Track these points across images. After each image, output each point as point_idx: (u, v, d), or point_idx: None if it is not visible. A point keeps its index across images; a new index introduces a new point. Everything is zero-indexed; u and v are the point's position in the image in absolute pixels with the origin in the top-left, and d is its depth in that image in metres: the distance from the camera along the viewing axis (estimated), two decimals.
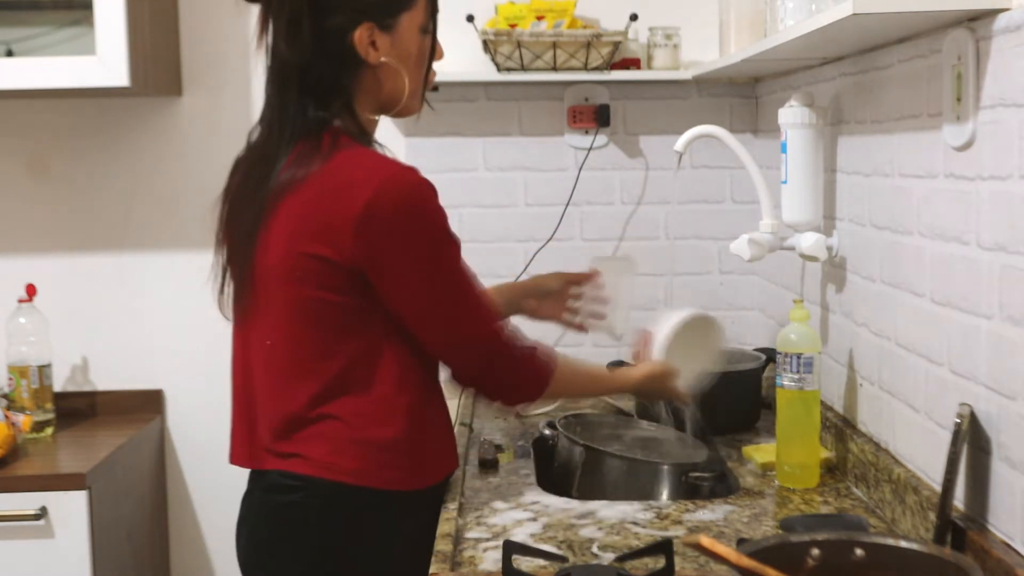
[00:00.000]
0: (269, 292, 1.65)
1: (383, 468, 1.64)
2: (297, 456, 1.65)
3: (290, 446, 1.65)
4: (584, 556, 1.57)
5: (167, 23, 2.69)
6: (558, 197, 2.76)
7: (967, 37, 1.46)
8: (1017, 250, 1.35)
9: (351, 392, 1.63)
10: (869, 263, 1.87)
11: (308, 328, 1.63)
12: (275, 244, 1.62)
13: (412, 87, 1.70)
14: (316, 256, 1.59)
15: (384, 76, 1.67)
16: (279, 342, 1.66)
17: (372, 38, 1.64)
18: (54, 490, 2.31)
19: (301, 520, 1.65)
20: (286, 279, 1.62)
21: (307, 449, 1.64)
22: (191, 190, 2.79)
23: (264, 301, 1.67)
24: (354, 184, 1.58)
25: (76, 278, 2.79)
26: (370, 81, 1.67)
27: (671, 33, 2.66)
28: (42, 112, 2.77)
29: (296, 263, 1.60)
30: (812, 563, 1.21)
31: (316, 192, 1.59)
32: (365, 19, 1.63)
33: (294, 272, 1.61)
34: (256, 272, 1.66)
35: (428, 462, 1.71)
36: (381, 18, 1.64)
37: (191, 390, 2.82)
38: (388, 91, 1.69)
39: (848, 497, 1.83)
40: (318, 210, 1.59)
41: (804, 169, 2.03)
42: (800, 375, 1.85)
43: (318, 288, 1.60)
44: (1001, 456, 1.40)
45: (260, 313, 1.68)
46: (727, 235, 2.70)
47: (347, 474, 1.63)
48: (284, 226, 1.61)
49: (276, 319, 1.66)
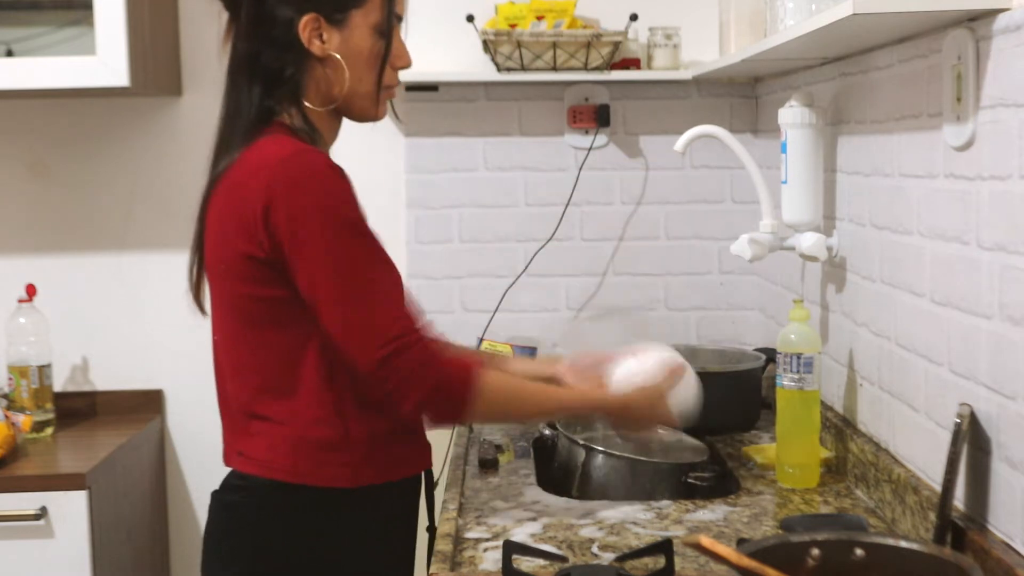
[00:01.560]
0: (212, 289, 1.69)
1: (320, 466, 1.61)
2: (242, 455, 1.66)
3: (239, 443, 1.67)
4: (584, 556, 1.57)
5: (167, 23, 2.69)
6: (558, 197, 2.76)
7: (967, 37, 1.46)
8: (1017, 250, 1.35)
9: (283, 390, 1.61)
10: (869, 263, 1.87)
11: (241, 324, 1.64)
12: (209, 242, 1.66)
13: (365, 88, 1.68)
14: (235, 250, 1.59)
15: (332, 70, 1.66)
16: (221, 340, 1.69)
17: (319, 30, 1.63)
18: (54, 490, 2.31)
19: (240, 519, 1.65)
20: (220, 276, 1.65)
21: (249, 447, 1.65)
22: (191, 190, 2.75)
23: (212, 298, 1.70)
24: (255, 172, 1.58)
25: (76, 278, 2.79)
26: (319, 74, 1.66)
27: (671, 33, 2.66)
28: (42, 112, 2.76)
29: (223, 260, 1.62)
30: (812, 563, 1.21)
31: (230, 186, 1.61)
32: (311, 10, 1.62)
33: (222, 269, 1.63)
34: (203, 269, 1.70)
35: (374, 460, 1.64)
36: (329, 12, 1.63)
37: (191, 390, 2.82)
38: (334, 86, 1.67)
39: (848, 497, 1.83)
40: (231, 203, 1.60)
41: (804, 169, 2.03)
42: (800, 375, 1.85)
43: (243, 283, 1.60)
44: (1001, 456, 1.40)
45: (212, 311, 1.71)
46: (727, 235, 2.70)
47: (284, 472, 1.61)
48: (212, 224, 1.65)
49: (218, 316, 1.68)
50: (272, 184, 1.55)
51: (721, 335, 2.79)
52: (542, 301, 2.78)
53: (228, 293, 1.64)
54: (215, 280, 1.67)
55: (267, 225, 1.55)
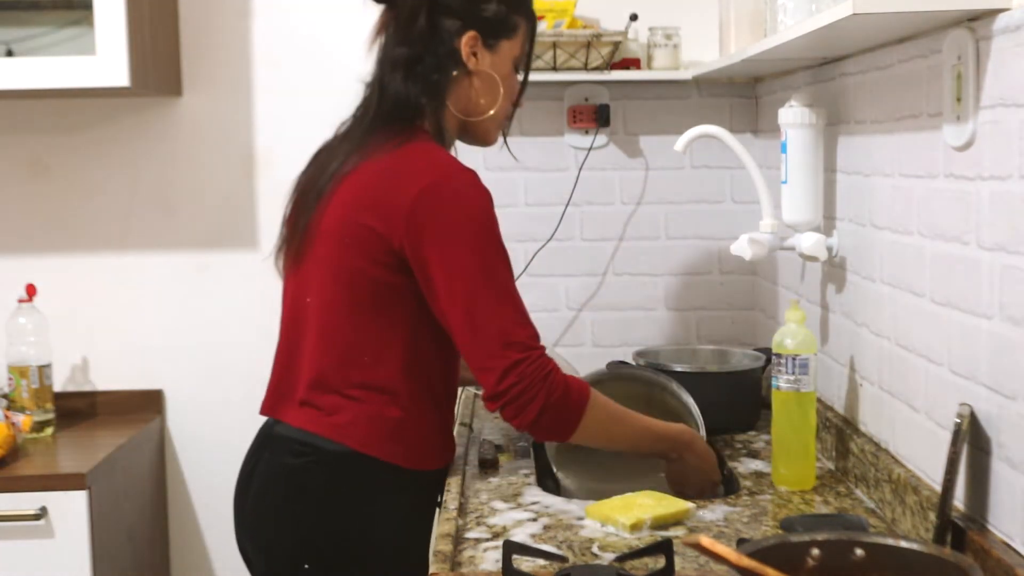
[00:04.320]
0: (317, 253, 1.78)
1: (386, 442, 1.75)
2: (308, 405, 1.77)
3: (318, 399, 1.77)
4: (584, 556, 1.57)
5: (167, 23, 2.69)
6: (558, 197, 2.76)
7: (967, 37, 1.46)
8: (1017, 250, 1.35)
9: (368, 366, 1.75)
10: (869, 263, 1.87)
11: (345, 295, 1.75)
12: (334, 209, 1.76)
13: (497, 113, 1.86)
14: (367, 226, 1.72)
15: (479, 85, 1.84)
16: (316, 303, 1.79)
17: (475, 48, 1.82)
18: (54, 490, 2.31)
19: (307, 484, 1.76)
20: (336, 243, 1.76)
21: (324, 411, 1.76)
22: (191, 190, 2.80)
23: (312, 260, 1.80)
24: (416, 171, 1.73)
25: (76, 278, 2.79)
26: (466, 86, 1.83)
27: (671, 33, 2.66)
28: (42, 112, 2.77)
29: (348, 229, 1.74)
30: (812, 563, 1.21)
31: (381, 170, 1.75)
32: (473, 28, 1.81)
33: (344, 238, 1.74)
34: (312, 231, 1.79)
35: (428, 448, 1.81)
36: (487, 34, 1.82)
37: (191, 390, 2.82)
38: (479, 100, 1.84)
39: (848, 497, 1.83)
40: (379, 187, 1.74)
41: (804, 169, 2.03)
42: (796, 376, 1.84)
43: (364, 259, 1.73)
44: (1001, 456, 1.40)
45: (307, 271, 1.81)
46: (727, 235, 2.70)
47: (355, 441, 1.74)
48: (346, 195, 1.76)
49: (319, 280, 1.79)
50: (432, 189, 1.70)
51: (721, 335, 2.79)
52: (542, 301, 2.78)
53: (344, 263, 1.75)
54: (332, 247, 1.76)
55: (410, 221, 1.69)
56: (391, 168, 1.74)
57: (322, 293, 1.78)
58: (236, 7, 2.76)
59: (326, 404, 1.76)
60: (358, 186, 1.76)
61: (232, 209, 2.79)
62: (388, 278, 1.73)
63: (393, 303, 1.74)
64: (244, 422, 2.00)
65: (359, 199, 1.75)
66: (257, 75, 2.77)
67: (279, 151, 2.77)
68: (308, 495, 1.76)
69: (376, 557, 1.77)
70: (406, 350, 1.76)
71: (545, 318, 2.78)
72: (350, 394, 1.75)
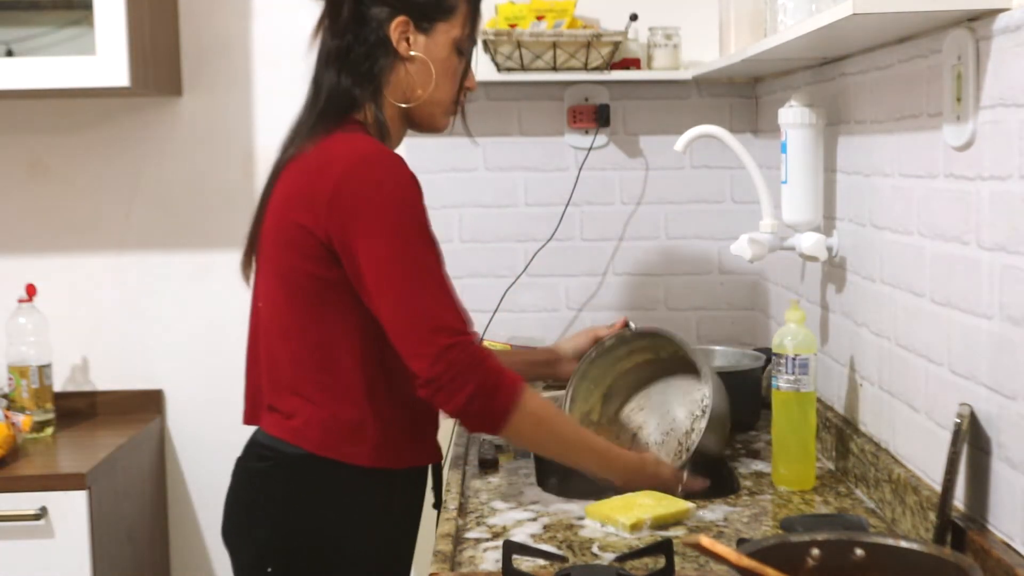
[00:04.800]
0: (264, 256, 1.79)
1: (344, 443, 1.72)
2: (274, 411, 1.77)
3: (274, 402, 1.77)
4: (584, 556, 1.57)
5: (167, 23, 2.69)
6: (558, 197, 2.76)
7: (967, 37, 1.46)
8: (1017, 250, 1.35)
9: (320, 367, 1.72)
10: (869, 263, 1.87)
11: (287, 296, 1.74)
12: (272, 210, 1.76)
13: (440, 96, 1.82)
14: (297, 223, 1.70)
15: (415, 71, 1.79)
16: (267, 306, 1.79)
17: (407, 33, 1.77)
18: (54, 490, 2.31)
19: (266, 487, 1.77)
20: (275, 244, 1.75)
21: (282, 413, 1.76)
22: (191, 190, 2.80)
23: (259, 264, 1.81)
24: (333, 160, 1.70)
25: (76, 278, 2.79)
26: (401, 73, 1.79)
27: (671, 33, 2.66)
28: (42, 112, 2.77)
29: (281, 229, 1.73)
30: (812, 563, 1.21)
31: (305, 166, 1.73)
32: (403, 13, 1.77)
33: (281, 238, 1.73)
34: (257, 237, 1.81)
35: (396, 447, 1.76)
36: (418, 18, 1.78)
37: (191, 390, 2.82)
38: (414, 86, 1.79)
39: (848, 497, 1.83)
40: (303, 182, 1.72)
41: (804, 169, 2.03)
42: (796, 376, 1.84)
43: (298, 257, 1.70)
44: (1001, 456, 1.40)
45: (257, 276, 1.82)
46: (727, 235, 2.70)
47: (312, 444, 1.72)
48: (278, 195, 1.76)
49: (264, 284, 1.79)
50: (348, 174, 1.67)
51: (721, 335, 2.79)
52: (542, 301, 2.78)
53: (282, 264, 1.74)
54: (272, 249, 1.76)
55: (332, 209, 1.66)
56: (314, 161, 1.72)
57: (268, 296, 1.78)
58: (236, 7, 2.76)
59: (286, 407, 1.75)
60: (287, 184, 1.75)
61: (232, 209, 2.79)
62: (325, 273, 1.69)
63: (335, 299, 1.70)
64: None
65: (288, 197, 1.73)
66: (257, 75, 2.77)
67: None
68: (269, 499, 1.76)
69: (342, 560, 1.74)
70: (359, 347, 1.71)
71: (545, 318, 2.78)
72: (308, 396, 1.73)
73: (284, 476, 1.75)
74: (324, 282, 1.70)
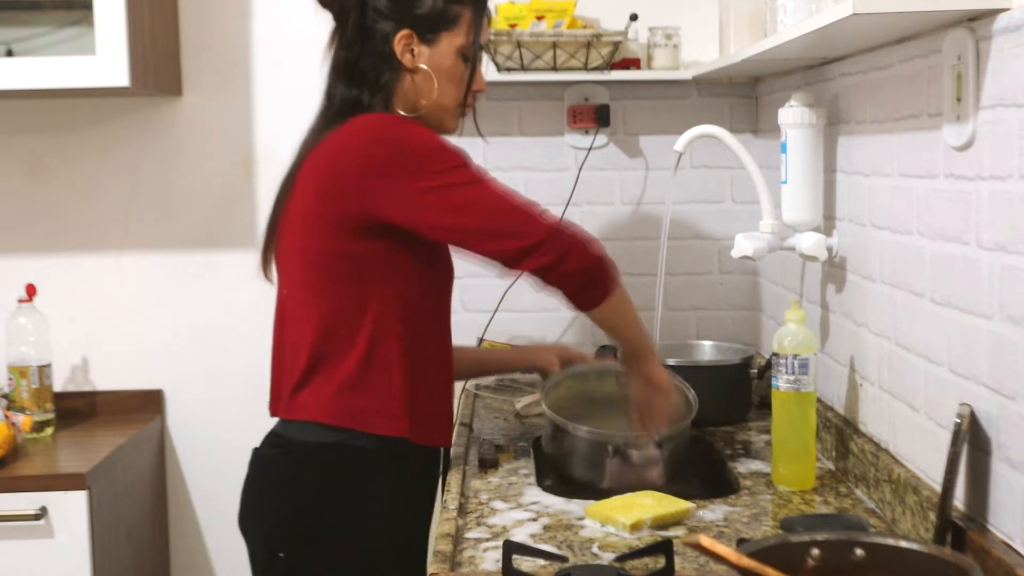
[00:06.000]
0: (285, 247, 1.85)
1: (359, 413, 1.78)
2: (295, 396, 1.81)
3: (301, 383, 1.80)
4: (584, 556, 1.57)
5: (167, 23, 2.69)
6: (558, 197, 2.76)
7: (967, 37, 1.46)
8: (1017, 250, 1.35)
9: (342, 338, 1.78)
10: (869, 263, 1.87)
11: (317, 278, 1.79)
12: (293, 204, 1.82)
13: (446, 101, 1.88)
14: (328, 206, 1.76)
15: (420, 82, 1.85)
16: (288, 294, 1.85)
17: (411, 46, 1.84)
18: (54, 490, 2.31)
19: (275, 473, 1.82)
20: (301, 232, 1.80)
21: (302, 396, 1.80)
22: (191, 190, 2.80)
23: (281, 257, 1.87)
24: (353, 134, 1.78)
25: (76, 278, 2.79)
26: (408, 83, 1.86)
27: (671, 33, 2.66)
28: (42, 112, 2.77)
29: (309, 215, 1.79)
30: (812, 563, 1.21)
31: (325, 149, 1.79)
32: (407, 27, 1.83)
33: (306, 224, 1.79)
34: (276, 231, 1.86)
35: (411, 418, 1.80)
36: (422, 31, 1.84)
37: (191, 390, 2.82)
38: (421, 96, 1.86)
39: (848, 497, 1.83)
40: (325, 160, 1.79)
41: (804, 169, 2.03)
42: (796, 376, 1.84)
43: (329, 239, 1.77)
44: (1001, 456, 1.40)
45: (281, 269, 1.88)
46: (727, 235, 2.70)
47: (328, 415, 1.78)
48: (301, 182, 1.82)
49: (288, 271, 1.85)
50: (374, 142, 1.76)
51: (721, 335, 2.79)
52: (542, 301, 2.77)
53: (307, 248, 1.79)
54: (294, 235, 1.82)
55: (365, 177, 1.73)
56: (333, 141, 1.79)
57: (292, 282, 1.85)
58: (236, 7, 2.76)
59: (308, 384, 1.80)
60: (308, 174, 1.80)
61: (232, 209, 2.79)
62: (356, 249, 1.76)
63: (368, 272, 1.77)
64: (244, 422, 2.01)
65: (310, 182, 1.79)
66: (257, 75, 2.77)
67: (279, 151, 2.75)
68: (277, 483, 1.82)
69: (352, 544, 1.78)
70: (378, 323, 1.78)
71: (545, 318, 2.78)
72: (330, 369, 1.78)
73: (292, 461, 1.80)
74: (355, 259, 1.76)
